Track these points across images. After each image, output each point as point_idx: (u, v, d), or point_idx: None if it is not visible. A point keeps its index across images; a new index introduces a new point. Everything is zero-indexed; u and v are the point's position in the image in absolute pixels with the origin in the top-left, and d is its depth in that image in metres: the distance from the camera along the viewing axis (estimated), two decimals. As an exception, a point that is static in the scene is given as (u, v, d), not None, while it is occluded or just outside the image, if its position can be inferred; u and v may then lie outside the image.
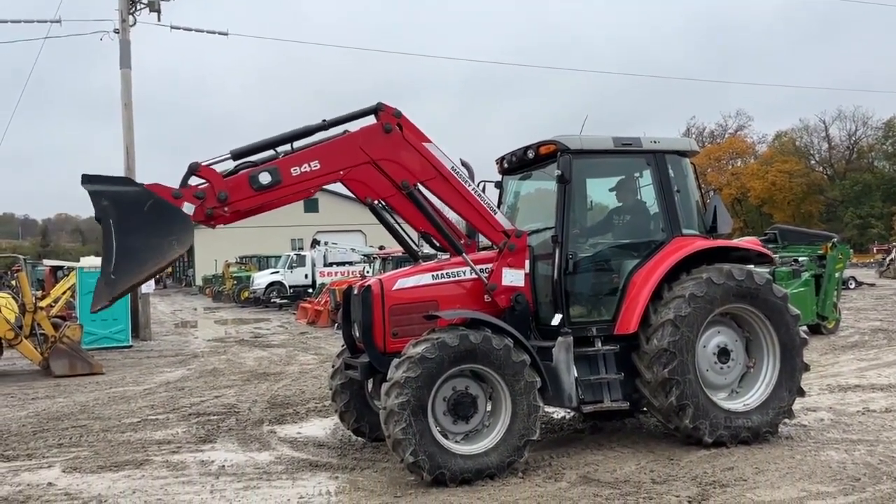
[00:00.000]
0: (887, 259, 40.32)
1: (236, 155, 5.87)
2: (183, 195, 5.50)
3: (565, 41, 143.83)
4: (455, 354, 5.65)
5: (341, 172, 6.08)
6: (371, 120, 6.30)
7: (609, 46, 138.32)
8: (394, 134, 6.15)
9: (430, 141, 6.43)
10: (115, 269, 4.87)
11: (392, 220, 6.89)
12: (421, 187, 6.41)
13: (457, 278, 6.47)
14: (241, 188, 5.69)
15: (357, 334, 6.54)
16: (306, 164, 5.87)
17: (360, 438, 7.24)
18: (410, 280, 6.41)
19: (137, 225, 5.07)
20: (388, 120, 6.14)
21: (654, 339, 6.37)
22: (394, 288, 6.31)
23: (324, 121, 6.15)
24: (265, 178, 5.72)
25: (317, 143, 6.19)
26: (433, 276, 6.44)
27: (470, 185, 6.53)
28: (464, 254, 6.42)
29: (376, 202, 6.40)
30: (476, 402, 5.89)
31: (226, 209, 5.68)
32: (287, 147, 6.13)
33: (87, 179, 5.23)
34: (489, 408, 5.98)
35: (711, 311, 6.52)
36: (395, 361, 5.71)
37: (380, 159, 6.14)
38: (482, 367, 5.80)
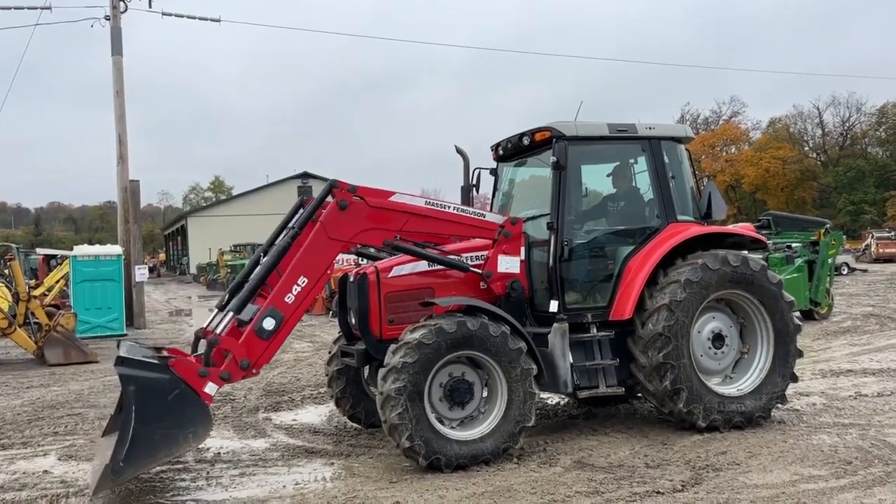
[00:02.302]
0: (863, 245, 41.08)
1: (238, 308, 5.83)
2: (209, 374, 5.49)
3: (564, 27, 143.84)
4: (452, 341, 5.66)
5: (329, 272, 6.05)
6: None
7: (607, 32, 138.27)
8: (352, 207, 6.03)
9: (394, 193, 6.39)
10: (125, 458, 4.84)
11: (373, 252, 6.96)
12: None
13: (448, 259, 6.45)
14: (255, 346, 5.66)
15: (353, 322, 6.55)
16: (295, 286, 5.79)
17: (355, 425, 7.26)
18: (406, 268, 6.41)
19: (158, 414, 5.07)
20: (343, 196, 6.01)
21: (649, 324, 6.40)
22: (390, 275, 6.31)
23: (291, 227, 6.12)
24: (269, 323, 5.68)
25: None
26: (429, 263, 6.44)
27: (449, 207, 6.51)
28: (470, 268, 6.38)
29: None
30: (472, 389, 5.91)
31: (253, 370, 5.71)
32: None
33: (120, 361, 5.23)
34: (485, 394, 6.00)
35: (706, 296, 6.54)
36: (393, 347, 5.72)
37: (353, 237, 6.08)
38: (479, 354, 5.82)
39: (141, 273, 19.78)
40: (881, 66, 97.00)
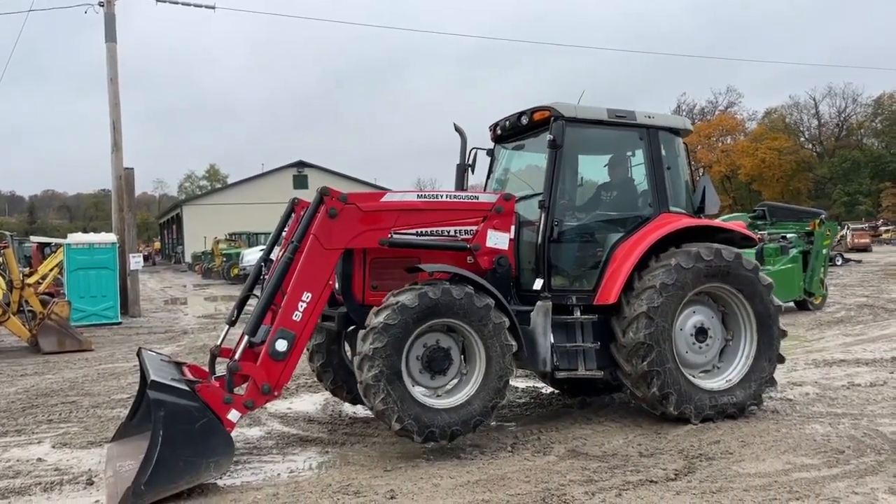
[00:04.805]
0: (838, 235, 42.41)
1: (251, 332, 5.80)
2: (233, 402, 5.49)
3: (565, 16, 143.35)
4: (418, 314, 5.62)
5: (330, 282, 5.99)
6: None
7: (607, 22, 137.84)
8: (343, 214, 5.99)
9: (384, 194, 6.40)
10: (147, 482, 4.84)
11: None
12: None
13: (444, 242, 6.43)
14: (273, 368, 5.63)
15: (336, 286, 6.53)
16: (300, 302, 5.74)
17: (351, 414, 7.30)
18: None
19: (184, 441, 5.10)
20: (332, 205, 5.97)
21: (629, 332, 6.35)
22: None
23: (291, 241, 6.11)
24: (282, 345, 5.65)
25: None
26: (417, 232, 6.37)
27: (441, 196, 6.50)
28: (468, 246, 6.38)
29: None
30: (449, 354, 5.90)
31: (275, 393, 5.69)
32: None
33: (154, 386, 5.23)
34: (464, 357, 5.98)
35: (684, 296, 6.49)
36: (362, 333, 5.69)
37: (347, 243, 6.04)
38: (448, 320, 5.79)
39: (135, 261, 19.72)
40: (878, 57, 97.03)
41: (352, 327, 6.68)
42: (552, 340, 6.27)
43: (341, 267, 6.23)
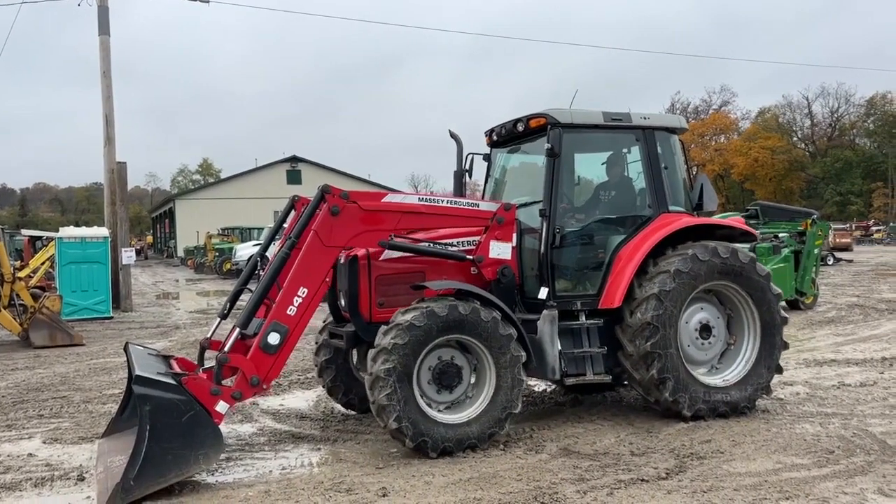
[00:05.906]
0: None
1: (243, 324, 5.80)
2: (221, 393, 5.48)
3: (563, 13, 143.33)
4: (443, 324, 5.66)
5: (327, 280, 5.98)
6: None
7: (613, 20, 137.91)
8: (345, 212, 6.00)
9: (385, 194, 6.42)
10: (136, 476, 4.85)
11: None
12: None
13: (444, 250, 6.44)
14: (263, 361, 5.64)
15: (342, 303, 6.53)
16: (296, 297, 5.74)
17: (343, 411, 7.28)
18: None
19: (171, 434, 5.10)
20: (335, 202, 5.98)
21: (637, 313, 6.41)
22: (381, 258, 6.29)
23: (288, 237, 6.11)
24: (274, 338, 5.65)
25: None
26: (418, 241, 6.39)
27: (442, 201, 6.53)
28: (467, 257, 6.37)
29: None
30: (461, 373, 5.92)
31: (264, 385, 5.69)
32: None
33: (139, 381, 5.22)
34: (473, 379, 6.01)
35: (695, 287, 6.56)
36: (384, 328, 5.71)
37: (347, 242, 6.05)
38: (469, 339, 5.82)
39: (127, 255, 19.64)
40: (871, 58, 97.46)
41: None
42: (559, 348, 6.30)
43: (347, 284, 6.24)
